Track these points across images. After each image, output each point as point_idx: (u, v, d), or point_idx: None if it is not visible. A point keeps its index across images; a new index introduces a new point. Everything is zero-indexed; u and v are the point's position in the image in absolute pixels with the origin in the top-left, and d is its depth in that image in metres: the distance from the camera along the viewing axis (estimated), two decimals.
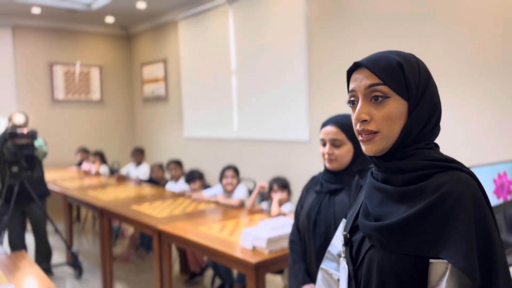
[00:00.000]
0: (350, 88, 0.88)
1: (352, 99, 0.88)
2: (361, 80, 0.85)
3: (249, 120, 5.03)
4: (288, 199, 3.03)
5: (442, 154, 0.85)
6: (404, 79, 0.83)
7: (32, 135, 3.51)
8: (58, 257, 4.35)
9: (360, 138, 0.87)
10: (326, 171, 1.53)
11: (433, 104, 0.85)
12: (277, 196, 2.97)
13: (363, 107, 0.85)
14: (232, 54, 5.18)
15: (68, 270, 4.00)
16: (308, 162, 4.33)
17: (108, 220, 3.39)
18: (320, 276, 1.12)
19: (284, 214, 2.85)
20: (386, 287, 0.82)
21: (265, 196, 3.19)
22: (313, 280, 1.52)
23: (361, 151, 1.45)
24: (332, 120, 1.50)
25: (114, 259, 4.22)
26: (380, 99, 0.83)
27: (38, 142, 3.66)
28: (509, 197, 2.16)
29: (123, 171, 5.12)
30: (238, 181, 3.43)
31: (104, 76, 7.10)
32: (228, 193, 3.39)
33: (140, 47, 7.11)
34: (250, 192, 3.73)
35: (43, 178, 3.83)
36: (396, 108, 0.83)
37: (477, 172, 2.31)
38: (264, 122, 4.81)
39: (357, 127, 0.86)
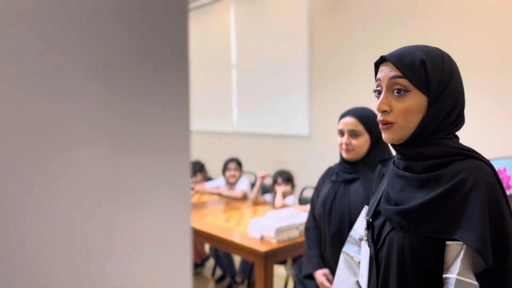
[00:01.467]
0: (376, 77, 0.95)
1: (378, 88, 0.94)
2: (386, 72, 0.91)
3: (248, 114, 5.07)
4: (291, 192, 3.09)
5: (460, 144, 0.91)
6: (426, 76, 0.87)
7: None
8: None
9: (380, 126, 0.93)
10: (342, 161, 1.59)
11: (454, 99, 0.89)
12: (281, 188, 3.02)
13: (385, 98, 0.91)
14: (232, 48, 5.21)
15: None
16: (308, 157, 4.39)
17: None
18: (342, 258, 1.18)
19: (287, 206, 2.91)
20: (405, 267, 0.87)
21: (268, 188, 3.24)
22: (327, 265, 1.59)
23: (377, 142, 1.51)
24: (352, 111, 1.55)
25: None
26: (401, 92, 0.88)
27: None
28: (508, 192, 2.24)
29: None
30: (241, 174, 3.47)
31: None
32: (231, 185, 3.43)
33: None
34: (252, 185, 3.78)
35: None
36: (415, 102, 0.88)
37: None
38: (264, 116, 4.85)
39: (378, 116, 0.93)
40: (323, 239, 1.62)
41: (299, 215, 2.34)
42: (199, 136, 5.90)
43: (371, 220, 1.00)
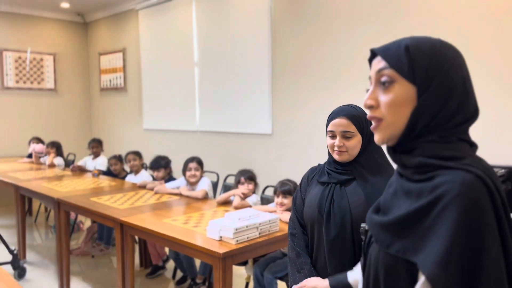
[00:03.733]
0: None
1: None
2: (374, 65, 0.83)
3: (211, 112, 4.99)
4: (254, 191, 3.05)
5: (454, 150, 0.76)
6: (409, 61, 0.77)
7: None
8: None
9: (371, 127, 0.84)
10: (333, 161, 1.51)
11: (449, 88, 0.76)
12: (241, 187, 2.98)
13: (372, 92, 0.82)
14: (194, 46, 5.12)
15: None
16: (270, 155, 4.37)
17: (65, 213, 3.26)
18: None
19: (250, 206, 2.86)
20: (379, 284, 0.80)
21: (232, 188, 3.19)
22: (321, 273, 1.49)
23: (369, 141, 1.45)
24: (342, 112, 1.47)
25: (70, 253, 4.08)
26: (386, 84, 0.79)
27: None
28: None
29: (80, 163, 4.94)
30: (202, 174, 3.40)
31: (58, 64, 6.80)
32: (192, 185, 3.35)
33: (97, 35, 6.86)
34: (213, 184, 3.71)
35: None
36: (402, 92, 0.78)
37: None
38: (227, 114, 4.79)
39: (368, 114, 0.84)
40: (317, 245, 1.50)
41: (259, 215, 2.30)
42: (161, 134, 5.77)
43: (366, 228, 0.92)
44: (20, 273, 3.57)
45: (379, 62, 0.82)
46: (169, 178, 3.76)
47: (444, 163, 0.74)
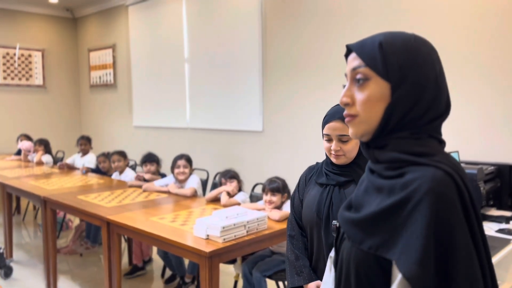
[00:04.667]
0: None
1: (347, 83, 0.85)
2: (349, 63, 0.82)
3: (202, 109, 4.95)
4: (239, 189, 3.02)
5: (425, 147, 0.77)
6: (382, 58, 0.77)
7: None
8: None
9: (345, 120, 0.84)
10: (331, 163, 1.47)
11: (421, 86, 0.76)
12: (226, 187, 2.96)
13: (347, 90, 0.82)
14: (185, 42, 5.07)
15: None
16: (261, 152, 4.34)
17: (52, 211, 3.21)
18: (328, 263, 1.11)
19: (238, 204, 2.84)
20: (352, 281, 0.80)
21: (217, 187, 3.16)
22: (319, 277, 1.46)
23: None
24: (338, 114, 1.42)
25: (58, 252, 4.03)
26: (361, 81, 0.79)
27: None
28: None
29: (69, 160, 4.88)
30: (191, 171, 3.37)
31: (47, 61, 6.71)
32: (180, 183, 3.32)
33: (87, 31, 6.78)
34: (202, 182, 3.68)
35: None
36: (375, 90, 0.78)
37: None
38: (217, 111, 4.76)
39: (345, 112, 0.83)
40: (316, 248, 1.47)
41: (247, 213, 2.28)
42: (151, 131, 5.72)
43: (338, 225, 0.92)
44: (6, 272, 3.52)
45: (354, 60, 0.81)
46: (159, 174, 3.73)
47: (415, 159, 0.75)
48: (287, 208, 2.59)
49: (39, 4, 6.40)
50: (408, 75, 0.76)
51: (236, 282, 2.96)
